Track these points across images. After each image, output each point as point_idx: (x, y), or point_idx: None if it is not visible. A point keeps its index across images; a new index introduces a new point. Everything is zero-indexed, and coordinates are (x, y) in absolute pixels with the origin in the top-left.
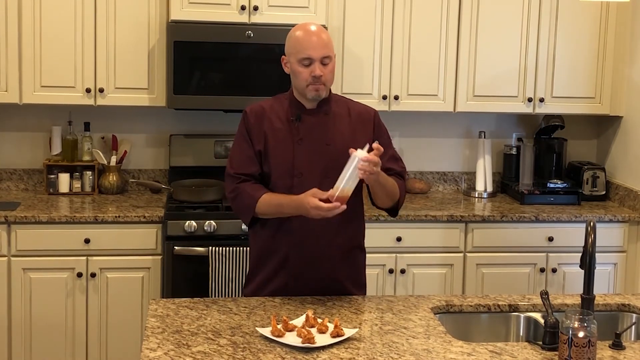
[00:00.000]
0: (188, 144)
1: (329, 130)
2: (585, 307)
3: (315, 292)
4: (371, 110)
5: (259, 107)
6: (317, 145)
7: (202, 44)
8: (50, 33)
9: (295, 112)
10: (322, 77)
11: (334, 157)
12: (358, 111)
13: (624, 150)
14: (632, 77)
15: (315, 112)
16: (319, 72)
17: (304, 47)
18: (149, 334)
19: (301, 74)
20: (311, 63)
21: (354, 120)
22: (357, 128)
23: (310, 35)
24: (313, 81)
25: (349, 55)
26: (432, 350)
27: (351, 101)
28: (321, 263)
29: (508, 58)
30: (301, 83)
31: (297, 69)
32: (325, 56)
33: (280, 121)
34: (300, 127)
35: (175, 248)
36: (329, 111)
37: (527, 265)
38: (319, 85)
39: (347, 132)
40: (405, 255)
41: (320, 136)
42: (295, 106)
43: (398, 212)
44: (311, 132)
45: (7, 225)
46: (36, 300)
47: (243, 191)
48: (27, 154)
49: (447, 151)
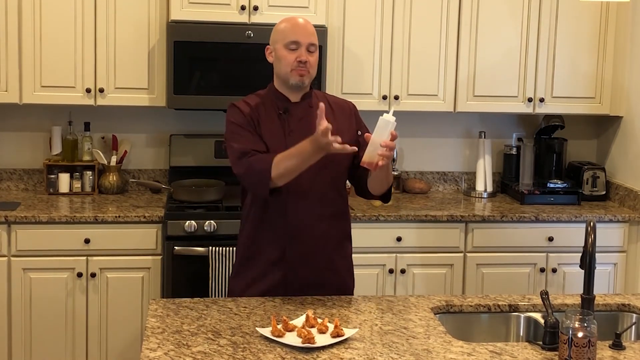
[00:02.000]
0: (188, 144)
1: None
2: (585, 307)
3: (313, 284)
4: (350, 103)
5: (246, 100)
6: (308, 136)
7: (202, 44)
8: (50, 33)
9: (282, 106)
10: (307, 62)
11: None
12: (339, 104)
13: (624, 150)
14: (632, 77)
15: (300, 104)
16: (305, 57)
17: (292, 32)
18: (149, 334)
19: (286, 58)
20: (298, 47)
21: (336, 112)
22: (340, 120)
23: (298, 23)
24: (298, 66)
25: (349, 55)
26: (432, 350)
27: (329, 95)
28: (317, 255)
29: (508, 58)
30: (286, 68)
31: (282, 54)
32: (311, 43)
33: (268, 115)
34: (289, 119)
35: (175, 248)
36: (312, 103)
37: (527, 265)
38: (304, 71)
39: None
40: (405, 255)
41: (309, 128)
42: (280, 99)
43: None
44: (300, 124)
45: (7, 225)
46: (36, 301)
47: (255, 160)
48: (27, 154)
49: (447, 151)
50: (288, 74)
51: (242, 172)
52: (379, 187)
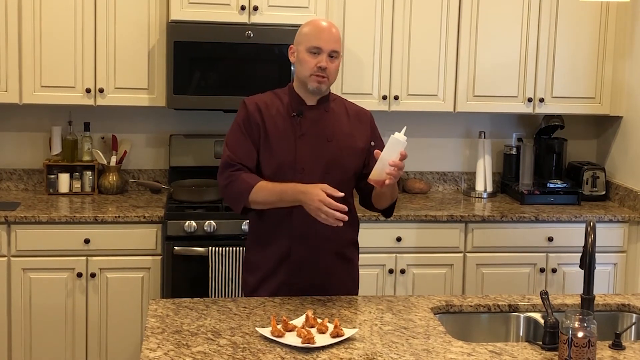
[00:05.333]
0: (188, 144)
1: (329, 127)
2: (585, 307)
3: (316, 287)
4: (367, 112)
5: (259, 99)
6: (319, 140)
7: (202, 44)
8: (50, 33)
9: (297, 107)
10: (327, 69)
11: (335, 153)
12: (355, 111)
13: (624, 150)
14: (632, 77)
15: (316, 108)
16: (325, 64)
17: (316, 37)
18: (149, 334)
19: (307, 63)
20: (319, 53)
21: (352, 119)
22: (355, 127)
23: (324, 28)
24: (317, 71)
25: (349, 55)
26: (432, 350)
27: (347, 101)
28: (320, 257)
29: (508, 58)
30: (305, 72)
31: (304, 57)
32: (334, 50)
33: (280, 116)
34: (302, 122)
35: (175, 248)
36: (328, 108)
37: (527, 265)
38: (323, 78)
39: (347, 130)
40: (405, 255)
41: (321, 132)
42: (296, 101)
43: (392, 213)
44: (312, 128)
45: (7, 225)
46: (36, 301)
47: (238, 178)
48: (27, 154)
49: (447, 151)
50: (307, 78)
51: (222, 185)
52: (383, 202)
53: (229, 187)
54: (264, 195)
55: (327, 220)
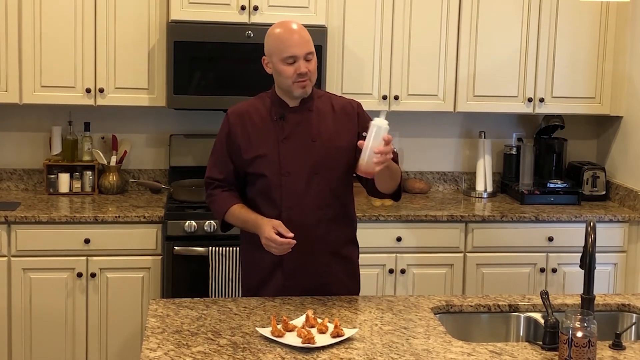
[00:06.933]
0: (188, 144)
1: (313, 127)
2: (585, 307)
3: (314, 289)
4: (354, 103)
5: (242, 107)
6: (303, 142)
7: (202, 44)
8: (50, 33)
9: (279, 111)
10: (307, 72)
11: (320, 153)
12: (341, 105)
13: (624, 150)
14: (632, 77)
15: (299, 109)
16: (305, 69)
17: (286, 46)
18: (149, 334)
19: (286, 72)
20: (295, 61)
21: (338, 114)
22: (341, 122)
23: (292, 33)
24: (299, 78)
25: (349, 55)
26: (432, 350)
27: (334, 95)
28: (315, 259)
29: (508, 58)
30: (286, 81)
31: (281, 68)
32: (308, 52)
33: (262, 121)
34: (285, 125)
35: (175, 248)
36: (312, 107)
37: (527, 265)
38: (305, 82)
39: (332, 127)
40: (405, 255)
41: (305, 133)
42: (278, 105)
43: (401, 195)
44: (296, 130)
45: (7, 225)
46: (36, 301)
47: (215, 200)
48: (27, 154)
49: (447, 151)
50: (290, 86)
51: (207, 201)
52: (387, 185)
53: (210, 205)
54: (233, 221)
55: (279, 251)
